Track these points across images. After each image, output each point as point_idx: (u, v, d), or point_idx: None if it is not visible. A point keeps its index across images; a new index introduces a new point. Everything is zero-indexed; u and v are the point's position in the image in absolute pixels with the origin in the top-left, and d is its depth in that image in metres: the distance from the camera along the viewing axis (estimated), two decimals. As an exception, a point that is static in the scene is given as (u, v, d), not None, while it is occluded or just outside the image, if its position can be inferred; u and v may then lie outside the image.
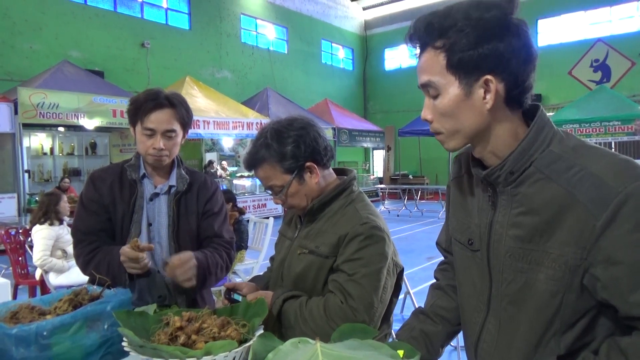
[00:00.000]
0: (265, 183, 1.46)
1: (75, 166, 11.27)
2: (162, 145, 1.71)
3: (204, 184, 1.90)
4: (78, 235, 1.78)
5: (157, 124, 1.70)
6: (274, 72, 16.87)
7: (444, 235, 1.32)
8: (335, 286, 1.34)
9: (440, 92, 0.98)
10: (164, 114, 1.71)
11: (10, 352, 1.11)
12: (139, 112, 1.71)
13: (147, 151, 1.73)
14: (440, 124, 1.01)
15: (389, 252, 1.38)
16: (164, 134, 1.72)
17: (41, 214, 4.37)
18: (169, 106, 1.72)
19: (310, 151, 1.41)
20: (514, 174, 0.99)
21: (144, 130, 1.71)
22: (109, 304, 1.28)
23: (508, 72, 0.94)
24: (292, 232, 1.57)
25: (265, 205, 11.99)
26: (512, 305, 1.02)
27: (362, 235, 1.35)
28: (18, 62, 10.63)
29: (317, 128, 1.45)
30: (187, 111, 1.78)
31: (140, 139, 1.74)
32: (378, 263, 1.35)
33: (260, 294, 1.41)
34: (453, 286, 1.27)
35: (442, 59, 0.96)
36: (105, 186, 1.79)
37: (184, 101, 1.79)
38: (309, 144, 1.40)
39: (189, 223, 1.82)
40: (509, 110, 0.99)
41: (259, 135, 1.44)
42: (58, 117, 8.45)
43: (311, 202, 1.46)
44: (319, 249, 1.40)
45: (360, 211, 1.41)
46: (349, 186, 1.49)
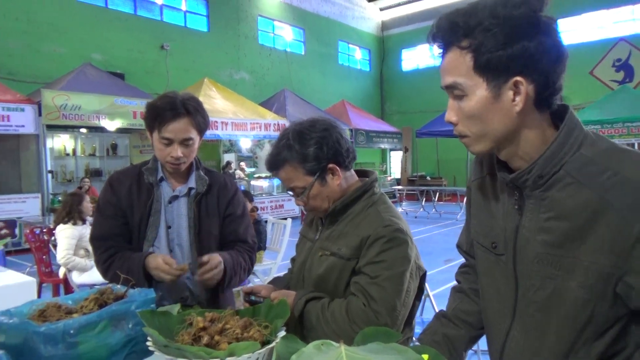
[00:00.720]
0: (287, 184, 1.46)
1: (97, 167, 11.45)
2: (180, 154, 1.71)
3: (224, 185, 1.90)
4: (95, 242, 1.80)
5: (174, 134, 1.69)
6: (291, 73, 16.90)
7: (464, 238, 1.30)
8: (358, 288, 1.34)
9: (467, 93, 0.95)
10: (182, 124, 1.70)
11: (38, 350, 1.12)
12: (156, 121, 1.70)
13: (165, 159, 1.73)
14: (466, 127, 0.99)
15: (412, 255, 1.37)
16: (182, 142, 1.72)
17: (64, 213, 4.45)
18: (185, 115, 1.70)
19: (333, 153, 1.40)
20: (543, 177, 0.96)
21: (161, 139, 1.71)
22: (133, 303, 1.29)
23: (539, 73, 0.91)
24: (313, 233, 1.57)
25: (282, 206, 12.01)
26: (540, 312, 0.99)
27: (385, 237, 1.34)
28: (42, 64, 10.85)
29: (339, 130, 1.44)
30: (204, 117, 1.77)
31: (158, 146, 1.74)
32: (401, 266, 1.33)
33: (282, 294, 1.41)
34: (475, 290, 1.25)
35: (469, 60, 0.93)
36: (123, 189, 1.80)
37: (200, 106, 1.77)
38: (331, 145, 1.40)
39: (210, 224, 1.82)
40: (538, 113, 0.96)
41: (281, 136, 1.44)
42: (80, 119, 8.60)
43: (333, 204, 1.45)
44: (340, 251, 1.39)
45: (382, 213, 1.40)
46: (370, 188, 1.48)
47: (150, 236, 1.75)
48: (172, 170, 1.78)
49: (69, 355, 1.15)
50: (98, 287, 1.43)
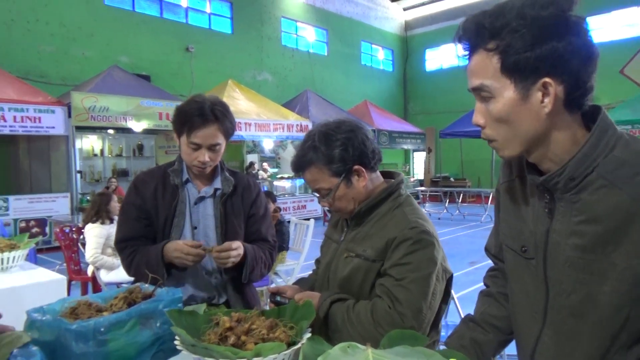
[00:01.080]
0: (313, 186, 1.46)
1: (124, 167, 11.68)
2: (207, 158, 1.74)
3: (248, 186, 1.93)
4: (119, 244, 1.83)
5: (202, 140, 1.72)
6: (313, 74, 16.94)
7: (493, 241, 1.28)
8: (383, 290, 1.33)
9: (494, 96, 0.94)
10: (210, 130, 1.72)
11: (70, 347, 1.15)
12: (185, 126, 1.73)
13: (192, 162, 1.76)
14: (494, 131, 0.97)
15: (439, 258, 1.35)
16: (210, 147, 1.74)
17: (93, 213, 4.55)
18: (214, 121, 1.73)
19: (358, 154, 1.40)
20: (575, 180, 0.94)
21: (190, 143, 1.73)
22: (161, 302, 1.31)
23: (568, 74, 0.89)
24: (338, 235, 1.56)
25: (305, 207, 12.04)
26: (573, 318, 0.97)
27: (411, 239, 1.33)
28: (71, 67, 11.14)
29: (365, 131, 1.44)
30: (231, 122, 1.80)
31: (185, 150, 1.77)
32: (427, 268, 1.32)
33: (307, 295, 1.42)
34: (504, 294, 1.23)
35: (496, 62, 0.91)
36: (148, 190, 1.82)
37: (228, 112, 1.79)
38: (357, 147, 1.39)
39: (236, 224, 1.85)
40: (568, 114, 0.94)
41: (307, 137, 1.44)
42: (108, 120, 8.80)
43: (358, 206, 1.45)
44: (366, 253, 1.38)
45: (408, 215, 1.39)
46: (396, 189, 1.47)
47: (174, 237, 1.78)
48: (197, 173, 1.81)
49: (99, 353, 1.17)
50: (126, 286, 1.46)
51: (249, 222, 1.88)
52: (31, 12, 10.61)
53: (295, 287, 1.58)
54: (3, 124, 7.82)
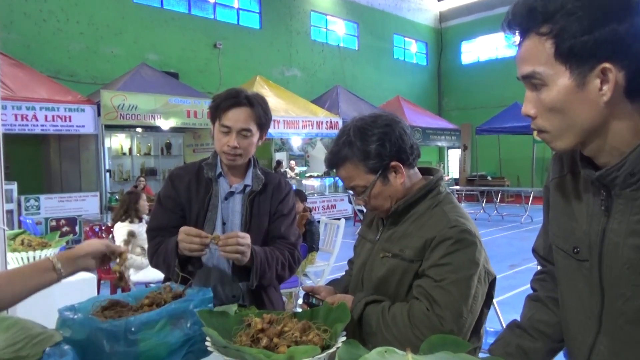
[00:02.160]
0: (347, 183, 1.44)
1: (152, 166, 11.93)
2: (237, 144, 1.77)
3: (278, 186, 1.94)
4: (151, 233, 1.88)
5: (233, 122, 1.76)
6: (344, 69, 16.91)
7: (542, 242, 1.23)
8: (421, 292, 1.31)
9: (547, 83, 0.90)
10: (241, 113, 1.77)
11: (101, 346, 1.17)
12: (218, 109, 1.79)
13: (222, 148, 1.79)
14: (547, 121, 0.93)
15: (481, 259, 1.32)
16: (239, 132, 1.77)
17: (122, 212, 4.67)
18: (247, 105, 1.78)
19: (396, 150, 1.38)
20: (635, 175, 0.89)
21: (220, 127, 1.78)
22: (191, 302, 1.32)
23: (630, 59, 0.84)
24: (373, 234, 1.55)
25: (334, 207, 12.04)
26: (632, 325, 0.92)
27: (451, 239, 1.30)
28: (101, 66, 11.47)
29: (402, 125, 1.42)
30: (266, 112, 1.83)
31: (217, 136, 1.81)
32: (468, 270, 1.29)
33: (340, 298, 1.40)
34: (554, 298, 1.19)
35: (549, 47, 0.88)
36: (182, 184, 1.87)
37: (263, 102, 1.83)
38: (394, 142, 1.37)
39: (261, 223, 1.86)
40: (629, 103, 0.89)
41: (342, 133, 1.43)
42: (137, 118, 9.02)
43: (395, 204, 1.43)
44: (403, 253, 1.36)
45: (448, 213, 1.36)
46: (435, 187, 1.45)
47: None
48: (228, 162, 1.83)
49: (130, 353, 1.19)
50: (154, 286, 1.48)
51: (270, 220, 1.89)
52: (61, 11, 10.97)
53: (330, 289, 1.57)
54: (35, 123, 8.11)
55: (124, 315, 1.27)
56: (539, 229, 1.25)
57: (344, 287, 1.63)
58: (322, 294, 1.51)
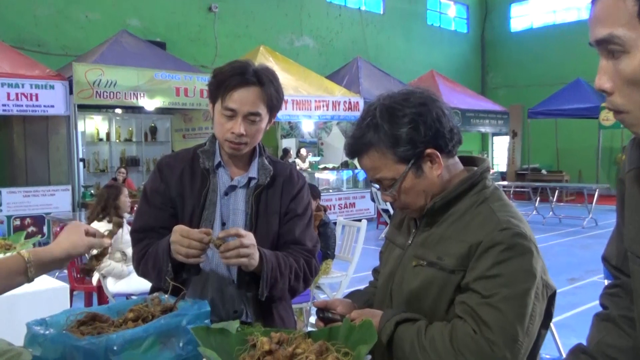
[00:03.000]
0: (372, 175, 1.44)
1: (133, 154, 12.04)
2: (243, 130, 1.76)
3: (290, 178, 1.94)
4: (136, 235, 1.88)
5: (239, 105, 1.75)
6: (366, 37, 16.85)
7: (614, 248, 1.22)
8: (465, 310, 1.30)
9: (628, 50, 0.88)
10: (250, 94, 1.75)
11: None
12: (221, 88, 1.76)
13: (225, 135, 1.79)
14: (626, 97, 0.91)
15: (538, 269, 1.31)
16: (247, 117, 1.77)
17: (99, 209, 4.72)
18: (256, 84, 1.76)
19: (432, 134, 1.37)
20: None
21: (223, 110, 1.76)
22: (184, 317, 1.33)
23: None
24: (403, 238, 1.55)
25: (354, 205, 12.04)
26: None
27: (502, 244, 1.29)
28: (73, 33, 11.57)
29: (440, 104, 1.41)
30: (278, 92, 1.82)
31: (218, 120, 1.80)
32: (523, 283, 1.28)
33: (365, 314, 1.40)
34: (628, 318, 1.18)
35: (632, 5, 0.86)
36: (173, 176, 1.87)
37: (275, 79, 1.82)
38: (430, 125, 1.37)
39: (269, 224, 1.86)
40: None
41: (366, 113, 1.42)
42: (116, 97, 9.08)
43: (431, 200, 1.42)
44: (441, 261, 1.36)
45: (497, 213, 1.35)
46: (480, 180, 1.44)
47: None
48: (231, 152, 1.83)
49: (111, 376, 1.20)
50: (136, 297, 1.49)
51: (282, 221, 1.89)
52: (26, -33, 11.09)
53: (348, 302, 1.57)
54: (-6, 102, 8.22)
55: (104, 331, 1.28)
56: (610, 234, 1.24)
57: (367, 300, 1.63)
58: (339, 308, 1.51)
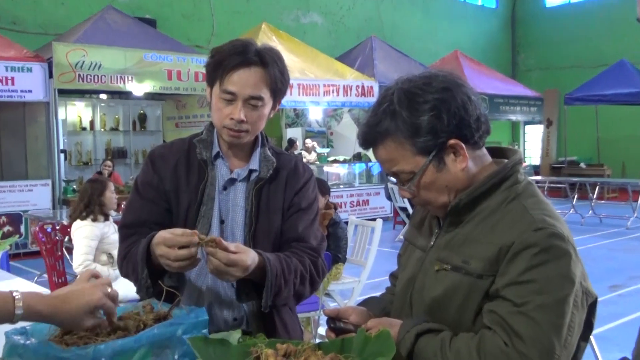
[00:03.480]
0: (389, 167, 1.45)
1: (120, 145, 12.10)
2: (243, 116, 1.77)
3: (294, 172, 1.95)
4: (125, 230, 1.89)
5: (240, 87, 1.76)
6: (381, 14, 16.83)
7: None
8: (495, 320, 1.31)
9: None
10: (251, 75, 1.76)
11: (62, 381, 1.20)
12: (219, 69, 1.77)
13: (223, 122, 1.80)
14: None
15: (577, 274, 1.31)
16: (247, 101, 1.78)
17: (82, 206, 4.74)
18: (259, 64, 1.77)
19: (456, 123, 1.37)
20: None
21: (222, 93, 1.78)
22: (179, 326, 1.34)
23: None
24: (424, 239, 1.55)
25: (367, 203, 12.04)
26: None
27: (537, 246, 1.29)
28: (53, 10, 11.62)
29: (466, 89, 1.41)
30: (283, 74, 1.83)
31: (216, 105, 1.81)
32: (561, 289, 1.28)
33: (382, 323, 1.41)
34: None
35: None
36: (167, 167, 1.89)
37: (280, 59, 1.83)
38: (454, 112, 1.37)
39: (270, 222, 1.88)
40: None
41: (382, 98, 1.43)
42: (100, 81, 9.12)
43: (456, 197, 1.43)
44: (468, 265, 1.36)
45: (531, 210, 1.35)
46: (512, 174, 1.44)
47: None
48: (230, 140, 1.84)
49: (99, 391, 1.21)
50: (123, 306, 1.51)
51: (285, 216, 1.90)
52: (0, -64, 11.14)
53: (362, 310, 1.58)
54: (-34, 87, 8.27)
55: (91, 341, 1.30)
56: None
57: (383, 308, 1.63)
58: (352, 317, 1.52)
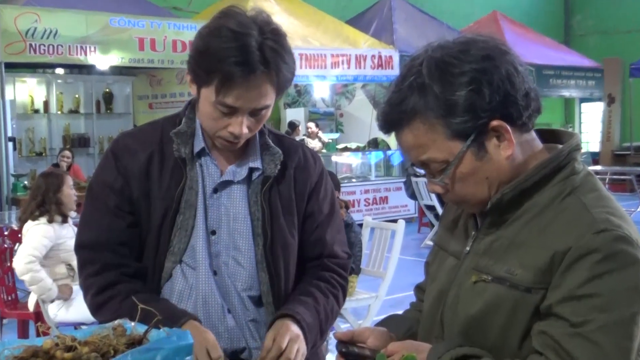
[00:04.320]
0: (416, 155, 1.44)
1: (81, 131, 12.10)
2: (245, 129, 1.76)
3: (304, 161, 1.96)
4: (83, 252, 1.89)
5: (243, 102, 1.72)
6: (402, -33, 16.83)
7: None
8: (547, 343, 1.31)
9: None
10: (256, 85, 1.72)
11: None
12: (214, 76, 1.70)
13: (218, 132, 1.78)
14: None
15: (648, 286, 1.31)
16: (252, 113, 1.76)
17: (35, 205, 4.76)
18: (265, 70, 1.71)
19: (500, 100, 1.36)
20: None
21: (219, 104, 1.73)
22: (158, 352, 1.34)
23: None
24: (459, 243, 1.56)
25: (386, 200, 12.06)
26: None
27: (599, 252, 1.29)
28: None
29: (512, 57, 1.40)
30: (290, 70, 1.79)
31: (208, 112, 1.77)
32: (628, 305, 1.28)
33: (407, 347, 1.42)
34: None
35: None
36: (135, 164, 1.87)
37: (284, 48, 1.76)
38: (497, 86, 1.36)
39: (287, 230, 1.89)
40: None
41: (408, 70, 1.42)
42: (57, 52, 9.15)
43: (498, 191, 1.43)
44: (513, 276, 1.37)
45: (592, 208, 1.35)
46: (568, 162, 1.43)
47: (177, 246, 1.82)
48: (223, 148, 1.85)
49: None
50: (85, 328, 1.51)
51: (307, 226, 1.91)
52: None
53: (381, 331, 1.59)
54: None
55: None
56: None
57: (407, 330, 1.64)
58: (370, 340, 1.52)
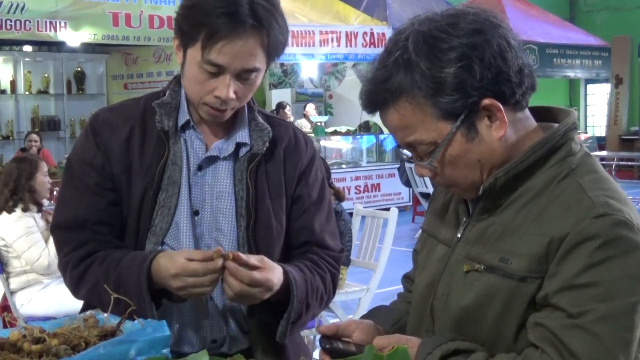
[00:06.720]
0: (402, 137, 1.45)
1: (51, 113, 12.05)
2: (232, 94, 1.75)
3: (295, 145, 1.97)
4: (60, 232, 1.90)
5: (230, 59, 1.72)
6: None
7: None
8: (544, 336, 1.32)
9: None
10: (245, 43, 1.71)
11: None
12: (200, 30, 1.70)
13: (204, 98, 1.78)
14: None
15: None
16: (240, 75, 1.76)
17: (8, 193, 4.73)
18: (255, 27, 1.71)
19: (492, 77, 1.36)
20: None
21: (205, 63, 1.73)
22: (133, 344, 1.35)
23: None
24: (449, 230, 1.57)
25: (378, 187, 12.06)
26: None
27: (598, 238, 1.29)
28: None
29: (504, 31, 1.40)
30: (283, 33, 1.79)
31: (194, 74, 1.77)
32: (629, 294, 1.29)
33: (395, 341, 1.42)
34: None
35: None
36: (115, 140, 1.87)
37: (277, 10, 1.78)
38: (488, 62, 1.36)
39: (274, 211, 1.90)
40: None
41: (393, 45, 1.42)
42: (24, 28, 9.09)
43: (491, 175, 1.43)
44: (507, 264, 1.38)
45: (590, 191, 1.36)
46: (564, 143, 1.44)
47: (159, 226, 1.83)
48: (209, 119, 1.85)
49: None
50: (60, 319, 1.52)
51: (293, 210, 1.92)
52: None
53: (367, 324, 1.60)
54: None
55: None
56: None
57: (396, 321, 1.66)
58: (355, 334, 1.53)
